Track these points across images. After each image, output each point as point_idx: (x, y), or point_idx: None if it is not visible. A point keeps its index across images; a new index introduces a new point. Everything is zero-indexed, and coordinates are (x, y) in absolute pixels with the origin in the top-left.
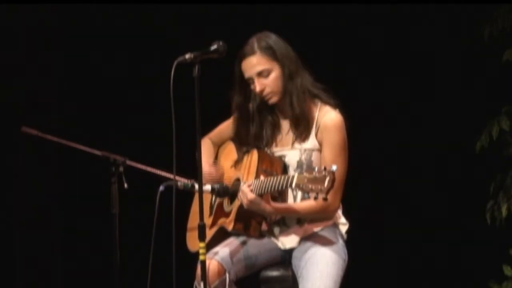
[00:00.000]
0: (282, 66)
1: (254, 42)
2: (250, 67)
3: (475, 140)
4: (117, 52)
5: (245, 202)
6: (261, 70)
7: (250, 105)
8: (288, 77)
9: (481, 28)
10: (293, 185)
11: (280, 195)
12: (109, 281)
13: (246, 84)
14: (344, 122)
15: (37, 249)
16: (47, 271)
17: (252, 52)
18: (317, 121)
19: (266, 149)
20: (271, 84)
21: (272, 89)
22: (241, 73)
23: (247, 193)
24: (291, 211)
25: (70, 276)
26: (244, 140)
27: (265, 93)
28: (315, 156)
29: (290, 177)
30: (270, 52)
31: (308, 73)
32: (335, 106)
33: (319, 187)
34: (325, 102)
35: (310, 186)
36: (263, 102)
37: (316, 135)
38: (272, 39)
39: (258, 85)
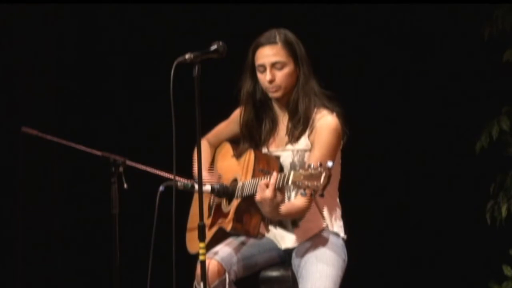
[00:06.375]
0: (298, 66)
1: (276, 33)
2: (267, 55)
3: (475, 140)
4: (117, 52)
5: (266, 196)
6: (277, 61)
7: (257, 95)
8: (302, 78)
9: (481, 28)
10: (290, 182)
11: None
12: (109, 281)
13: (256, 72)
14: (340, 127)
15: (37, 249)
16: (47, 271)
17: (274, 42)
18: (312, 122)
19: (263, 145)
20: (282, 78)
21: (281, 83)
22: (253, 61)
23: (271, 190)
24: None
25: (70, 276)
26: (248, 132)
27: (273, 84)
28: (308, 157)
29: (287, 174)
30: (291, 48)
31: (316, 78)
32: (332, 110)
33: (315, 183)
34: (324, 106)
35: (306, 183)
36: (265, 95)
37: (309, 136)
38: (293, 37)
39: (269, 74)
